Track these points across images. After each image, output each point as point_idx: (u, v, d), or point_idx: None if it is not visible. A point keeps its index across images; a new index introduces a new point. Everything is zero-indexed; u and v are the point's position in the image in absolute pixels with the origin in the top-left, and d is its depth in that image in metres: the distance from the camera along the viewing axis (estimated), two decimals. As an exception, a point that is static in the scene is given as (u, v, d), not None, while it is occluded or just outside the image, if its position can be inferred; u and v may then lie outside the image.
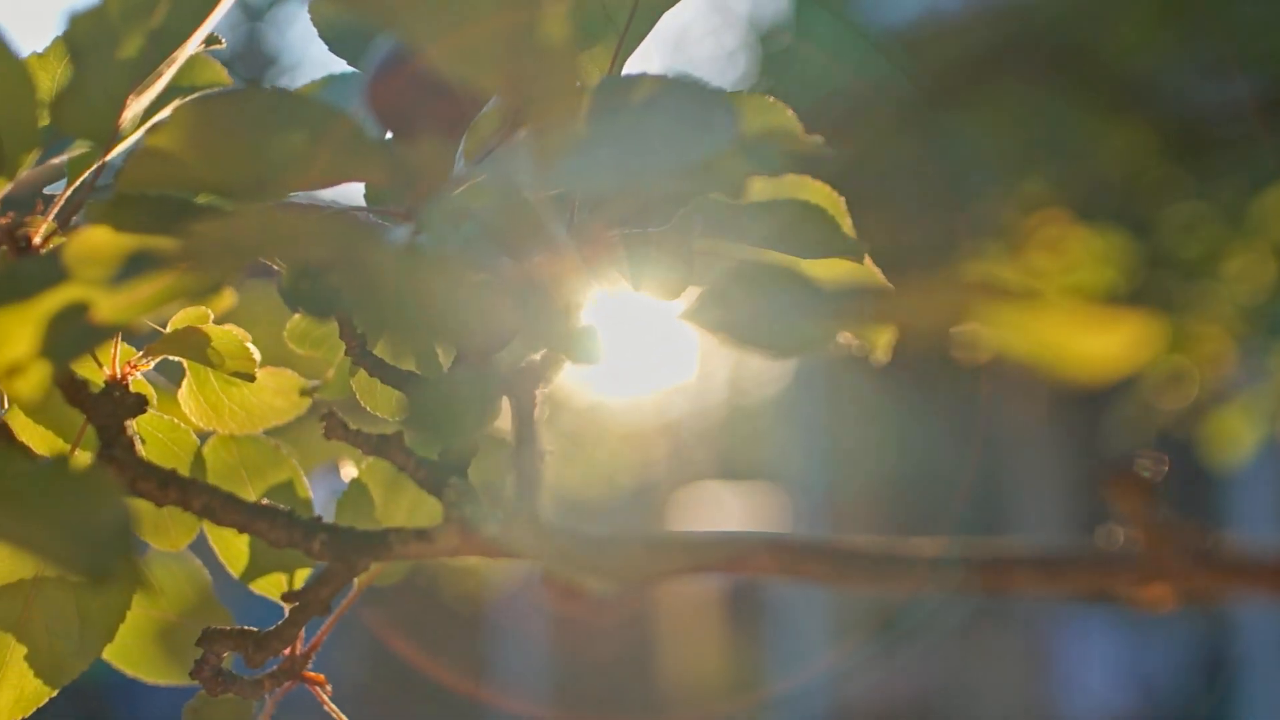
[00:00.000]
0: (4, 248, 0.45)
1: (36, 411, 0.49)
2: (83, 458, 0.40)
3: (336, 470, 0.60)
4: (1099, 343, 0.30)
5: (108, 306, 0.40)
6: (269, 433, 0.54)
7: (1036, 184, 2.45)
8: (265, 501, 0.44)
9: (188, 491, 0.44)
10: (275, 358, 0.52)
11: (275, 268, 0.45)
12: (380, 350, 0.48)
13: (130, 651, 0.54)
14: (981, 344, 0.32)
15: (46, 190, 0.49)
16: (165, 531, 0.52)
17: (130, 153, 0.41)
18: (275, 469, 0.52)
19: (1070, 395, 4.69)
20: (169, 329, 0.48)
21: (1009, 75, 2.98)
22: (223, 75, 0.51)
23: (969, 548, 0.37)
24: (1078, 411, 4.86)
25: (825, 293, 0.36)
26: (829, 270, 0.49)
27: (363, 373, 0.49)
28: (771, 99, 0.44)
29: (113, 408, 0.45)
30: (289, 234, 0.36)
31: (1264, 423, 1.77)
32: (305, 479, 0.52)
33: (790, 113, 0.44)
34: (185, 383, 0.51)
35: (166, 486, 0.44)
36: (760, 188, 0.48)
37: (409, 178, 0.36)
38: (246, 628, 0.48)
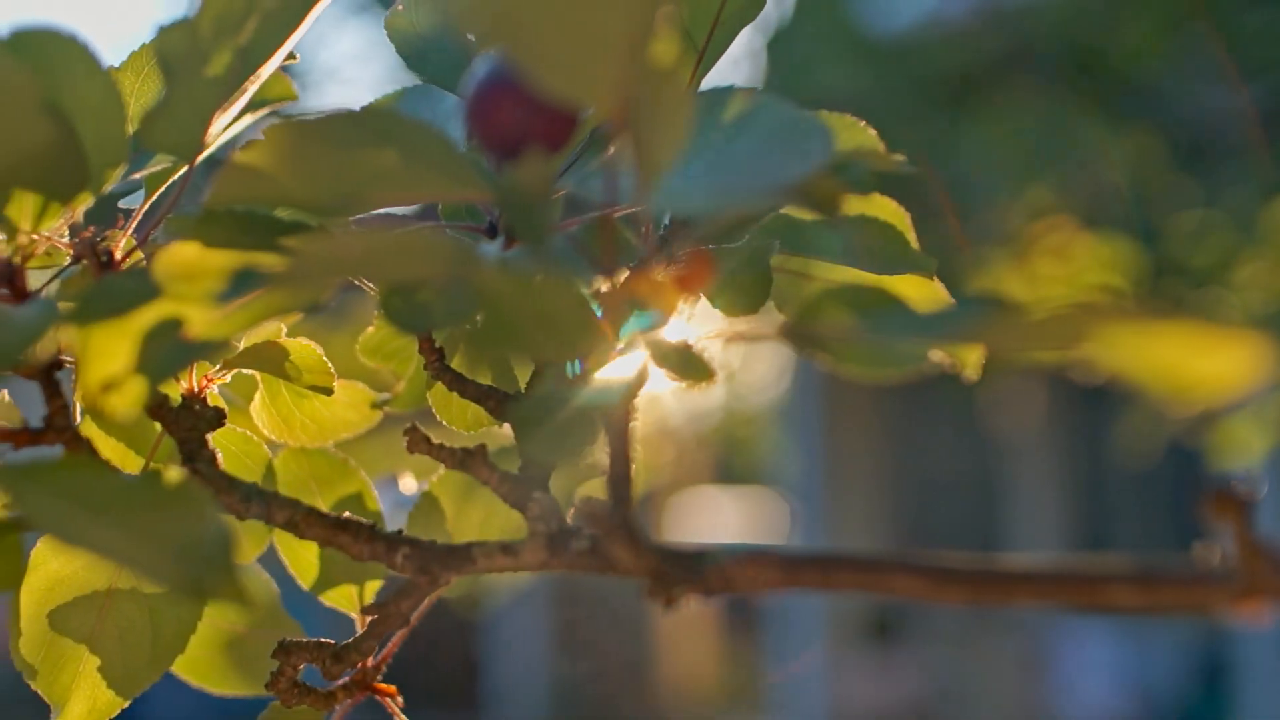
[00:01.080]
0: (85, 262, 0.46)
1: (110, 425, 0.49)
2: (174, 473, 0.40)
3: (396, 482, 0.60)
4: (1213, 364, 0.31)
5: (201, 323, 0.40)
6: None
7: (1042, 191, 2.45)
8: (348, 515, 0.44)
9: (271, 505, 0.44)
10: (343, 370, 0.52)
11: (362, 285, 0.45)
12: (457, 364, 0.49)
13: (197, 663, 0.54)
14: (1097, 366, 0.32)
15: (121, 204, 0.49)
16: (235, 544, 0.52)
17: (220, 169, 0.41)
18: (345, 481, 0.52)
19: (1068, 401, 4.70)
20: (245, 343, 0.48)
21: (1015, 82, 2.99)
22: (291, 90, 0.51)
23: (1067, 563, 0.37)
24: (1076, 416, 4.87)
25: (923, 312, 0.37)
26: (903, 287, 0.50)
27: (440, 386, 0.49)
28: (852, 118, 0.44)
29: (194, 421, 0.45)
30: (396, 251, 0.36)
31: (1273, 430, 1.78)
32: (375, 491, 0.53)
33: (872, 131, 0.44)
34: (258, 396, 0.51)
35: (249, 500, 0.44)
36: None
37: (506, 196, 0.36)
38: (323, 640, 0.48)
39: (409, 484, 0.60)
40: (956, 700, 4.96)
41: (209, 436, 0.45)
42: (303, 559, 0.52)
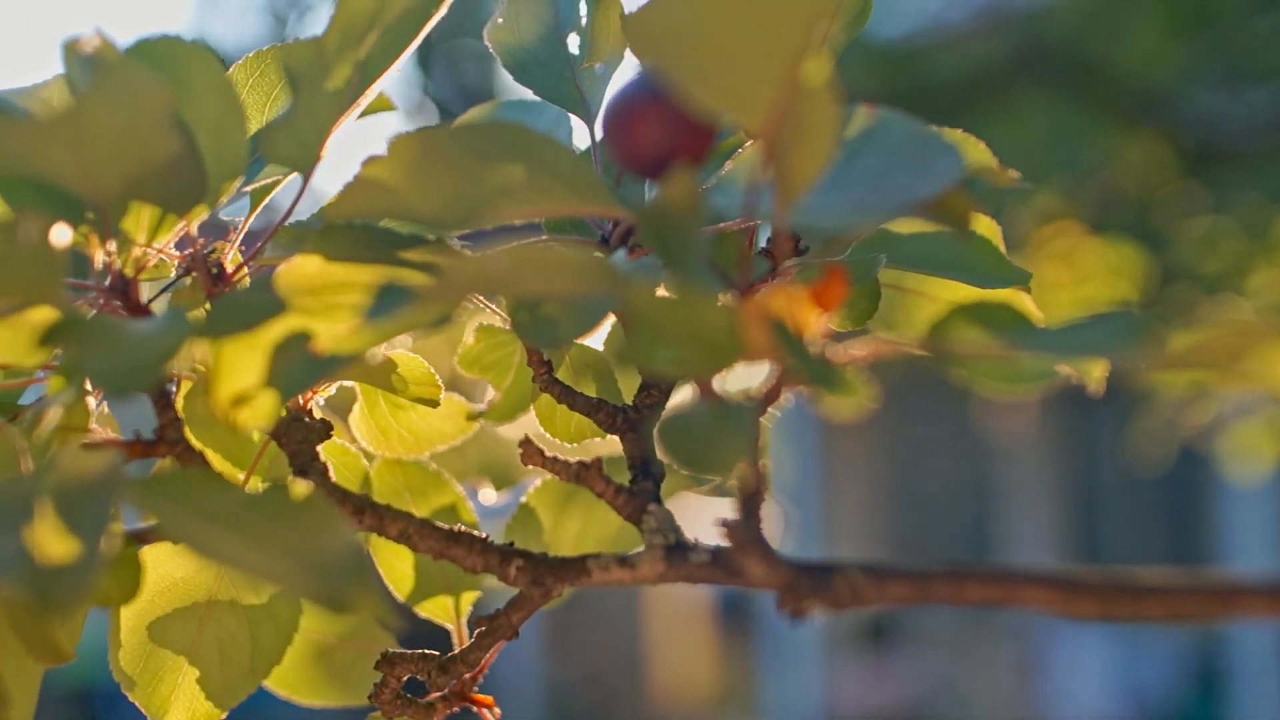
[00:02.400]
0: (194, 275, 0.46)
1: (209, 438, 0.49)
2: (300, 487, 0.40)
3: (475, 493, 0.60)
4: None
5: (329, 337, 0.40)
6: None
7: (1050, 196, 2.47)
8: (460, 528, 0.44)
9: (384, 518, 0.44)
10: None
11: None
12: (563, 376, 0.49)
13: (285, 674, 0.54)
14: (1259, 382, 0.32)
15: (223, 216, 0.49)
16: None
17: (346, 183, 0.41)
18: (438, 492, 0.53)
19: (1062, 407, 4.72)
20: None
21: (1023, 87, 3.00)
22: (389, 102, 0.51)
23: (1199, 575, 0.37)
24: (1071, 423, 4.89)
25: (1060, 329, 0.37)
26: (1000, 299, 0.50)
27: (545, 398, 0.49)
28: (965, 134, 0.44)
29: (304, 434, 0.45)
30: (543, 267, 0.36)
31: (1285, 436, 1.79)
32: (469, 503, 0.53)
33: (984, 146, 0.44)
34: (356, 407, 0.51)
35: (362, 513, 0.44)
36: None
37: (652, 213, 0.36)
38: (426, 651, 0.48)
39: (488, 495, 0.60)
40: (951, 704, 4.97)
41: (319, 449, 0.45)
42: (398, 570, 0.52)
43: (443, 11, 0.44)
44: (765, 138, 0.35)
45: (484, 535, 0.44)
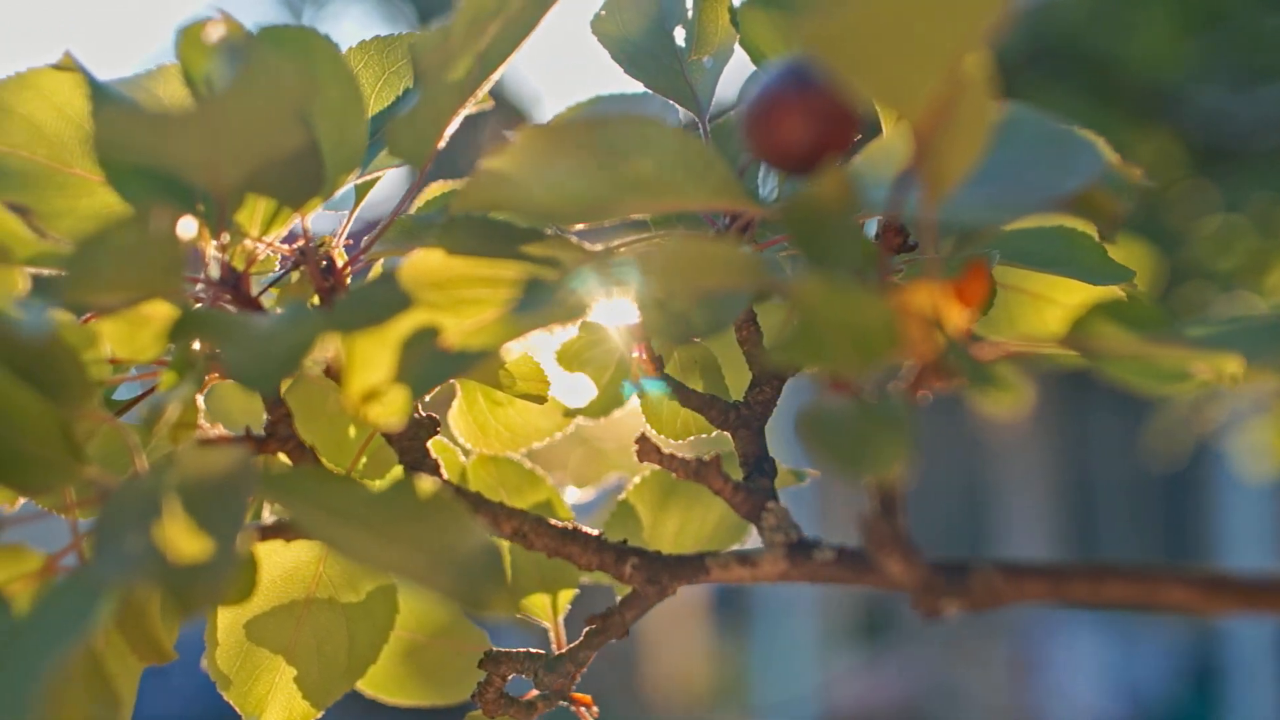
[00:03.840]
0: (303, 269, 0.45)
1: (307, 433, 0.49)
2: (427, 484, 0.40)
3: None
4: None
5: (456, 332, 0.40)
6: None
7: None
8: (575, 525, 0.44)
9: (498, 516, 0.44)
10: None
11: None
12: (671, 372, 0.48)
13: (376, 672, 0.53)
14: None
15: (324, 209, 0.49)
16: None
17: (471, 175, 0.40)
18: (533, 489, 0.52)
19: (1057, 404, 4.73)
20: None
21: (1031, 83, 3.00)
22: (488, 97, 0.51)
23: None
24: (1067, 421, 4.89)
25: (1205, 328, 0.37)
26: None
27: (651, 393, 0.49)
28: (1090, 132, 0.44)
29: (415, 430, 0.45)
30: (700, 263, 0.35)
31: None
32: (565, 500, 0.52)
33: (1104, 143, 0.44)
34: (456, 403, 0.50)
35: (476, 509, 0.44)
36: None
37: (799, 208, 0.36)
38: (532, 650, 0.48)
39: (573, 493, 0.60)
40: (946, 701, 4.98)
41: (429, 445, 0.45)
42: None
43: (560, 1, 0.43)
44: (920, 132, 0.35)
45: (597, 533, 0.44)
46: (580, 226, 0.43)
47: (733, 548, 0.53)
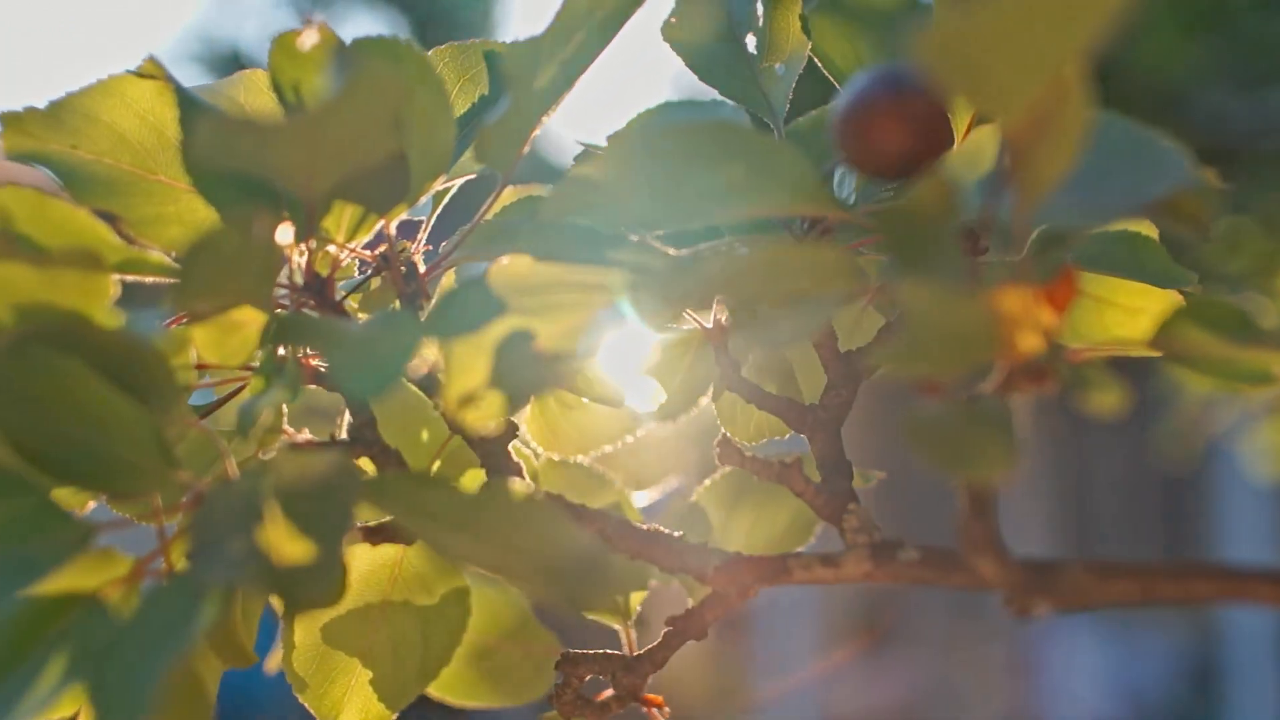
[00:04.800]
0: (385, 275, 0.45)
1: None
2: (519, 487, 0.40)
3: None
4: None
5: (549, 337, 0.40)
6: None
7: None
8: (658, 527, 0.44)
9: (581, 517, 0.44)
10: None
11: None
12: (746, 374, 0.49)
13: (444, 675, 0.53)
14: None
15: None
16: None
17: (559, 182, 0.41)
18: (602, 492, 0.52)
19: (1053, 403, 4.73)
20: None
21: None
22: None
23: None
24: (1062, 420, 4.91)
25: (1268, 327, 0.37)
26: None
27: (727, 396, 0.49)
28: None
29: (496, 435, 0.45)
30: (799, 267, 0.36)
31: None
32: (634, 503, 0.53)
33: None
34: (529, 406, 0.51)
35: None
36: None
37: (897, 215, 0.36)
38: (609, 651, 0.48)
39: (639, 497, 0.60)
40: (945, 703, 4.99)
41: (510, 448, 0.45)
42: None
43: (639, 9, 0.44)
44: (1018, 138, 0.35)
45: (679, 534, 0.44)
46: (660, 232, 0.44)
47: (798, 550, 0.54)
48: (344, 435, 0.44)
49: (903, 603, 5.23)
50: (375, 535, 0.43)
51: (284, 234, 0.38)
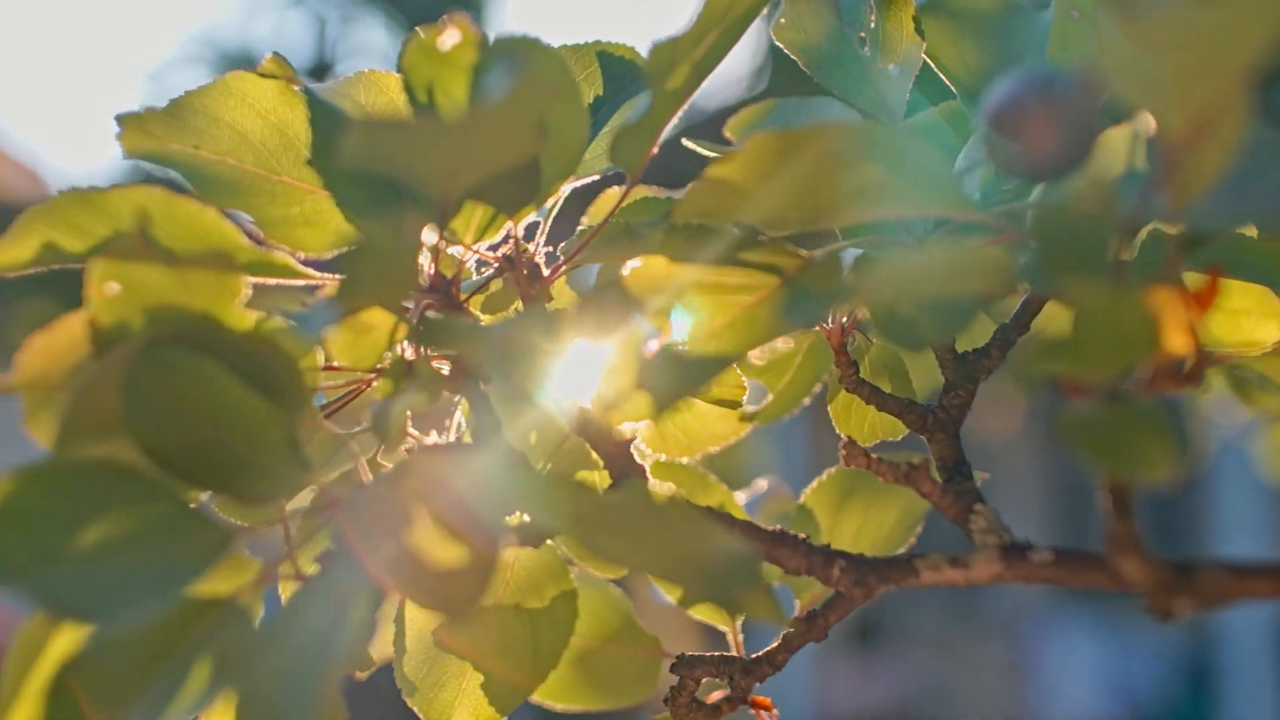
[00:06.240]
0: (507, 276, 0.45)
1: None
2: (661, 489, 0.40)
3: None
4: None
5: (691, 339, 0.40)
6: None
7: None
8: (783, 529, 0.44)
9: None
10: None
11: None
12: (865, 375, 0.49)
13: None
14: None
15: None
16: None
17: (695, 183, 0.41)
18: (709, 494, 0.52)
19: (1049, 402, 4.75)
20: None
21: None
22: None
23: None
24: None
25: None
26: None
27: (842, 396, 0.49)
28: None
29: (620, 437, 0.45)
30: (959, 268, 0.36)
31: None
32: (740, 504, 0.53)
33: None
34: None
35: (685, 514, 0.44)
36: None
37: (1053, 216, 0.36)
38: (726, 654, 0.48)
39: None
40: (939, 703, 5.00)
41: (633, 450, 0.45)
42: (668, 572, 0.52)
43: (765, 8, 0.44)
44: (1177, 141, 0.35)
45: (804, 536, 0.44)
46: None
47: (899, 551, 0.54)
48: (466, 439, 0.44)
49: (897, 602, 5.24)
50: (526, 538, 0.43)
51: (429, 235, 0.38)
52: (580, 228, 0.48)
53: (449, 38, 0.40)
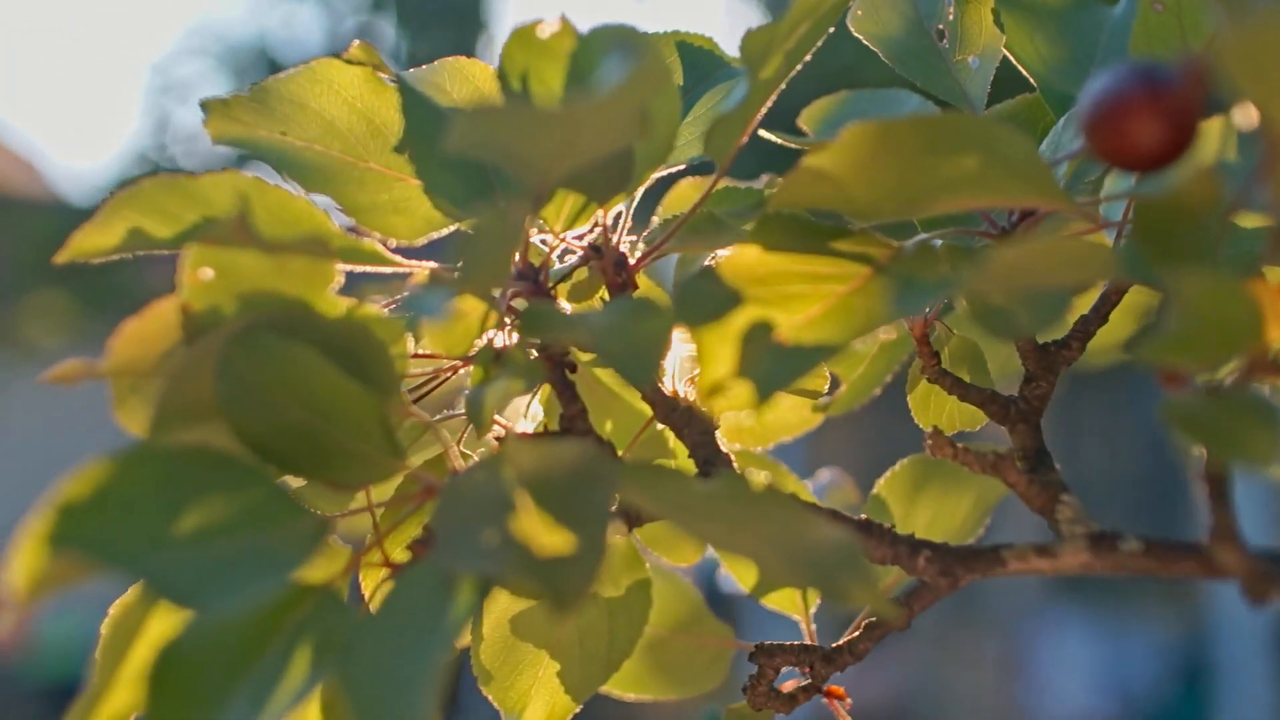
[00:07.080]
0: (593, 264, 0.45)
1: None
2: (758, 478, 0.40)
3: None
4: None
5: (787, 328, 0.40)
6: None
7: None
8: (868, 518, 0.44)
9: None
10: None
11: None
12: (948, 366, 0.49)
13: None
14: None
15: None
16: (676, 547, 0.52)
17: (790, 173, 0.41)
18: (782, 483, 0.52)
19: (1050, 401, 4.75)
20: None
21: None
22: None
23: None
24: (1057, 417, 4.93)
25: None
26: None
27: (922, 387, 0.49)
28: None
29: (704, 425, 0.45)
30: (1068, 258, 0.36)
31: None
32: (811, 492, 0.53)
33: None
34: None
35: (771, 503, 0.44)
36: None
37: (1143, 204, 0.36)
38: (806, 643, 0.48)
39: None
40: (934, 699, 5.01)
41: (718, 440, 0.45)
42: (740, 562, 0.52)
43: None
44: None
45: (889, 526, 0.44)
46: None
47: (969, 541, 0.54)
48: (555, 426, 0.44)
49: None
50: (631, 523, 0.43)
51: (532, 224, 0.38)
52: (657, 217, 0.48)
53: (548, 27, 0.40)
